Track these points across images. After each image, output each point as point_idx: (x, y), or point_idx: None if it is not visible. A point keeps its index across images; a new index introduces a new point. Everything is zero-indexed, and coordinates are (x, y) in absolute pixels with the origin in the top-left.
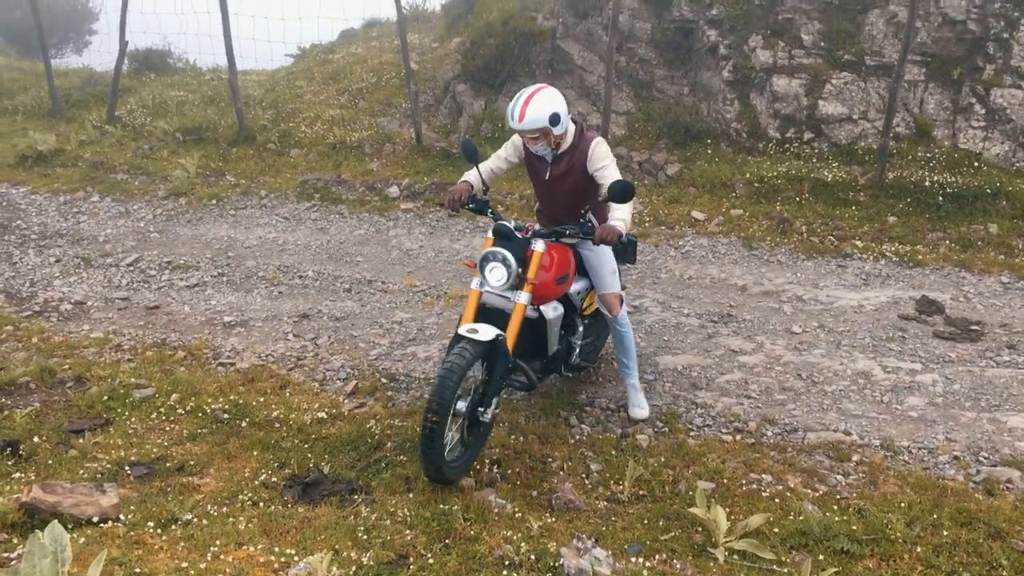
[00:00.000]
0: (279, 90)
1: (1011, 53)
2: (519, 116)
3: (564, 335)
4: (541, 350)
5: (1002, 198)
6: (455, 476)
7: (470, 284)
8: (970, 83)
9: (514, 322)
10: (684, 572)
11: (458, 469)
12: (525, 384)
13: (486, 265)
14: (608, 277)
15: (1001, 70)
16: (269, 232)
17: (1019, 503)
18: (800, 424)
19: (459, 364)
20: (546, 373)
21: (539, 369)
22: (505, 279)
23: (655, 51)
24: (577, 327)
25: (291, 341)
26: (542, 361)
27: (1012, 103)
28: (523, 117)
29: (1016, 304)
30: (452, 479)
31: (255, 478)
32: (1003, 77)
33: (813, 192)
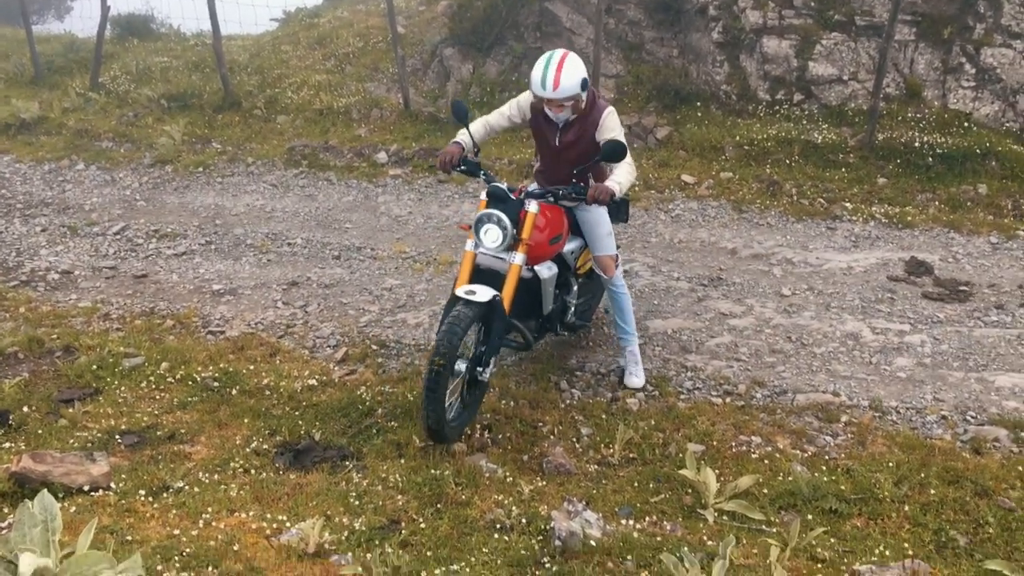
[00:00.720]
0: (264, 55)
1: (1002, 12)
2: (553, 84)
3: (559, 294)
4: (536, 310)
5: (991, 158)
6: (453, 436)
7: (464, 246)
8: (960, 43)
9: (510, 282)
10: (674, 533)
11: (456, 429)
12: (522, 344)
13: (481, 227)
14: (604, 239)
15: (991, 29)
16: (257, 199)
17: (1005, 461)
18: (789, 386)
19: (465, 317)
20: (542, 333)
21: (535, 329)
22: (500, 240)
23: (644, 13)
24: (572, 286)
25: (280, 309)
26: (537, 321)
27: (1002, 62)
28: (558, 85)
29: (1005, 264)
30: (450, 438)
31: (246, 445)
32: (993, 36)
33: (803, 154)
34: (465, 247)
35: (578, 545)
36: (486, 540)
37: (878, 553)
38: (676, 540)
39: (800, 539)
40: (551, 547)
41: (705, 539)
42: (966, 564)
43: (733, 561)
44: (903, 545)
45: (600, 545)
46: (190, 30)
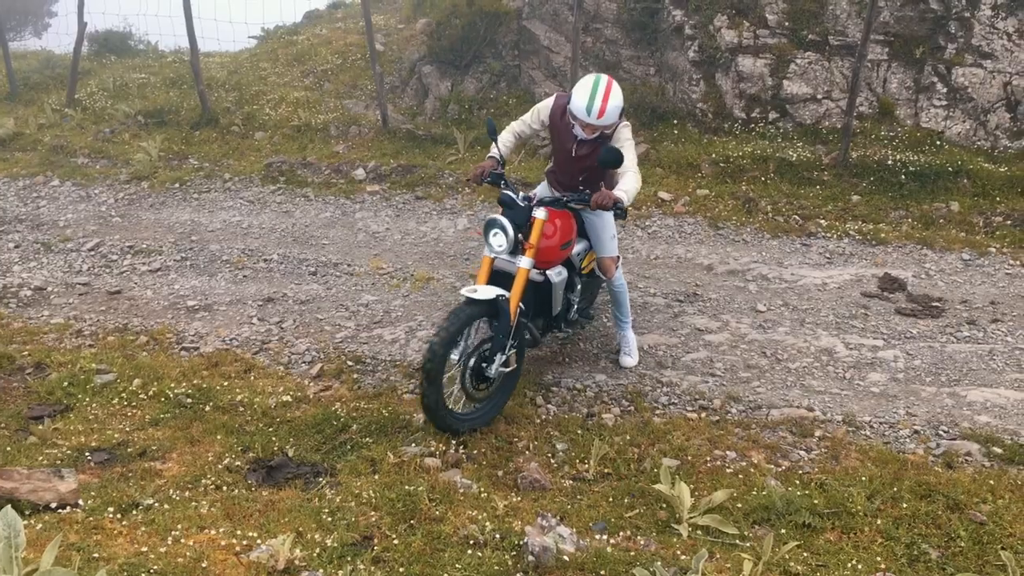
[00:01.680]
0: (243, 72)
1: (972, 32)
2: (599, 112)
3: (564, 294)
4: (545, 310)
5: (963, 176)
6: (459, 427)
7: (483, 251)
8: (932, 62)
9: (517, 284)
10: (648, 548)
11: (466, 422)
12: (529, 341)
13: (489, 232)
14: (608, 242)
15: (963, 49)
16: (233, 215)
17: (977, 475)
18: (764, 401)
19: (463, 312)
20: (547, 331)
21: (541, 327)
22: (505, 244)
23: (621, 31)
24: (576, 286)
25: (256, 325)
26: (545, 320)
27: (973, 82)
28: (603, 114)
29: (976, 281)
30: (454, 428)
31: (218, 462)
32: (964, 56)
33: (778, 172)
34: (484, 252)
35: (551, 560)
36: (459, 556)
37: (851, 567)
38: (650, 555)
39: (773, 553)
40: (524, 563)
41: (679, 554)
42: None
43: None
44: (876, 559)
45: (573, 560)
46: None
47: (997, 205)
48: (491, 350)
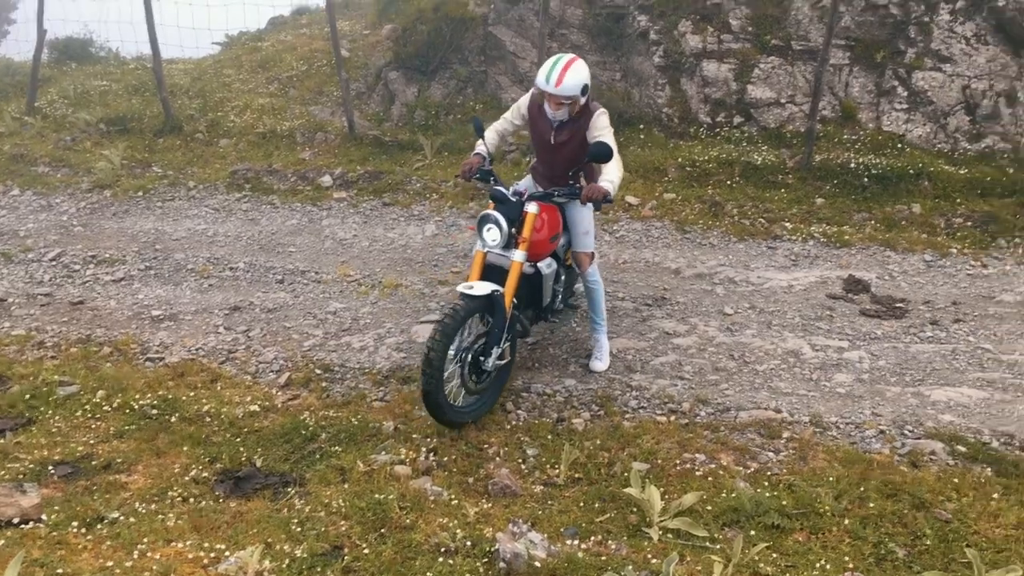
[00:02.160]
0: (206, 79)
1: (931, 36)
2: (556, 81)
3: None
4: (536, 301)
5: (924, 178)
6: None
7: (475, 246)
8: (893, 66)
9: (512, 277)
10: (619, 552)
11: (466, 414)
12: (520, 332)
13: (483, 227)
14: (582, 237)
15: (922, 53)
16: (198, 224)
17: (942, 474)
18: (732, 403)
19: (461, 308)
20: (536, 321)
21: (531, 318)
22: (499, 238)
23: (587, 37)
24: (561, 276)
25: (222, 334)
26: (534, 311)
27: (933, 85)
28: (560, 82)
29: (938, 281)
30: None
31: (185, 474)
32: (924, 60)
33: (744, 175)
34: (475, 247)
35: (523, 567)
36: (430, 564)
37: (819, 567)
38: (621, 559)
39: (743, 555)
40: (496, 570)
41: (649, 557)
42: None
43: None
44: (844, 559)
45: (545, 566)
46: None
47: (957, 207)
48: (487, 344)
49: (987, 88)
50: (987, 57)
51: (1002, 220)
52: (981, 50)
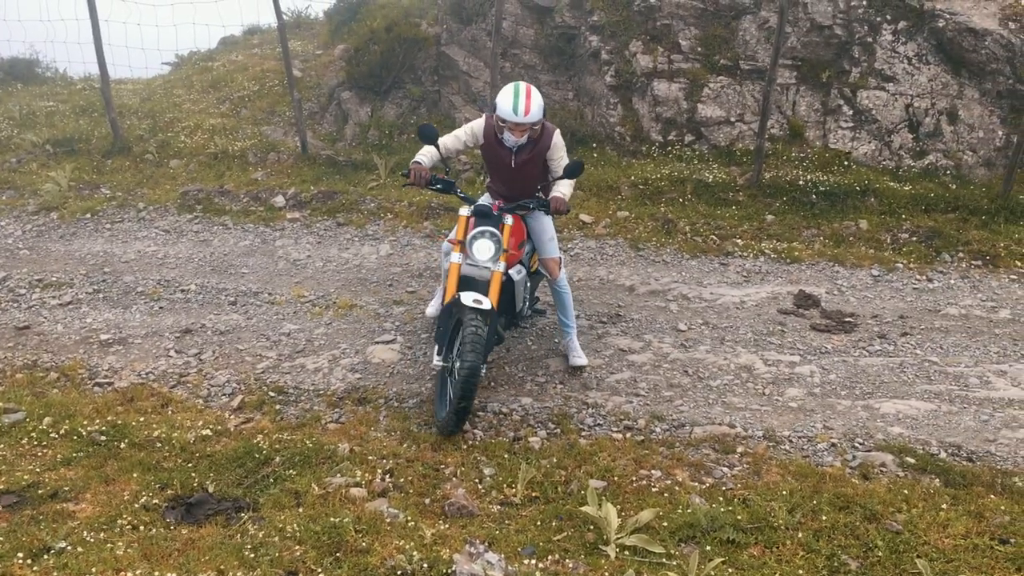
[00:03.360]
0: (156, 99)
1: (875, 56)
2: (524, 110)
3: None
4: (510, 308)
5: (870, 195)
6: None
7: (449, 259)
8: (838, 86)
9: (495, 287)
10: (576, 571)
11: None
12: (497, 339)
13: (475, 242)
14: (548, 243)
15: (866, 73)
16: (148, 246)
17: (892, 485)
18: (687, 419)
19: (483, 328)
20: (509, 327)
21: (504, 324)
22: (492, 253)
23: (539, 57)
24: (527, 282)
25: (173, 357)
26: (507, 317)
27: (877, 104)
28: (528, 111)
29: (886, 296)
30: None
31: (135, 501)
32: (868, 79)
33: (695, 193)
34: (450, 259)
35: None
36: None
37: None
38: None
39: (699, 570)
40: None
41: (607, 575)
42: None
43: None
44: (798, 572)
45: None
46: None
47: (903, 222)
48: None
49: (929, 106)
50: (928, 76)
51: (946, 235)
52: (923, 69)
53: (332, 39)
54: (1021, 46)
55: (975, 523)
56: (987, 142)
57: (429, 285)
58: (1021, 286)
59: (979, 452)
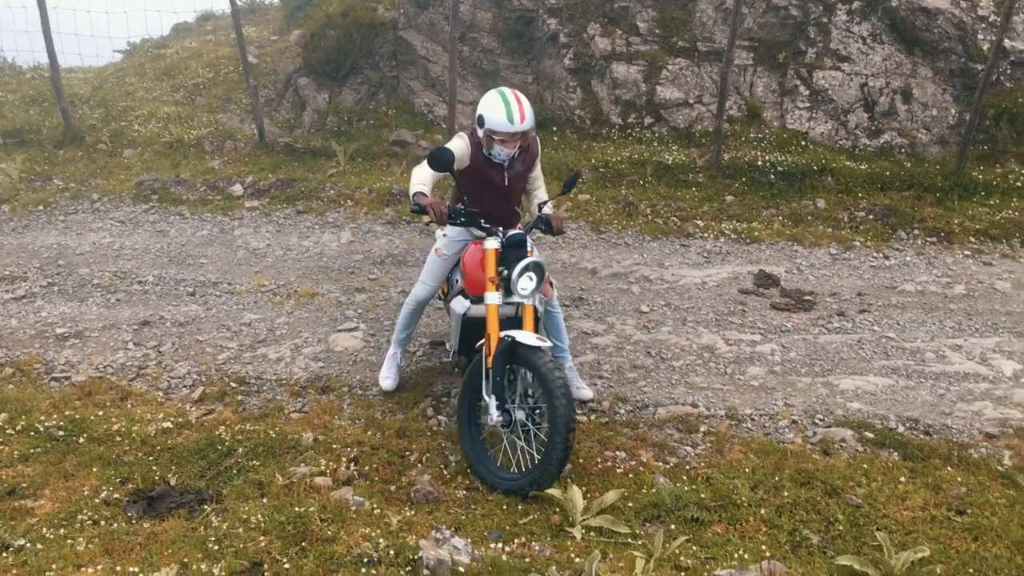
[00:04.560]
0: (108, 88)
1: (830, 37)
2: (520, 118)
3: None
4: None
5: (827, 174)
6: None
7: (486, 299)
8: (794, 66)
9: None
10: (543, 553)
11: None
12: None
13: (520, 278)
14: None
15: (822, 53)
16: (103, 237)
17: (852, 460)
18: (651, 400)
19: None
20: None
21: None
22: (535, 285)
23: (498, 41)
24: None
25: (131, 350)
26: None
27: (833, 84)
28: (524, 118)
29: (844, 274)
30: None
31: (95, 496)
32: (824, 60)
33: (656, 175)
34: (488, 301)
35: (447, 573)
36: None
37: (737, 557)
38: (545, 560)
39: (664, 549)
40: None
41: (573, 556)
42: (819, 561)
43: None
44: (761, 547)
45: (469, 571)
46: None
47: (860, 201)
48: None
49: (884, 86)
50: (883, 56)
51: (901, 213)
52: (877, 49)
53: (288, 25)
54: (972, 24)
55: (932, 495)
56: (940, 120)
57: (391, 272)
58: (975, 262)
59: (936, 425)
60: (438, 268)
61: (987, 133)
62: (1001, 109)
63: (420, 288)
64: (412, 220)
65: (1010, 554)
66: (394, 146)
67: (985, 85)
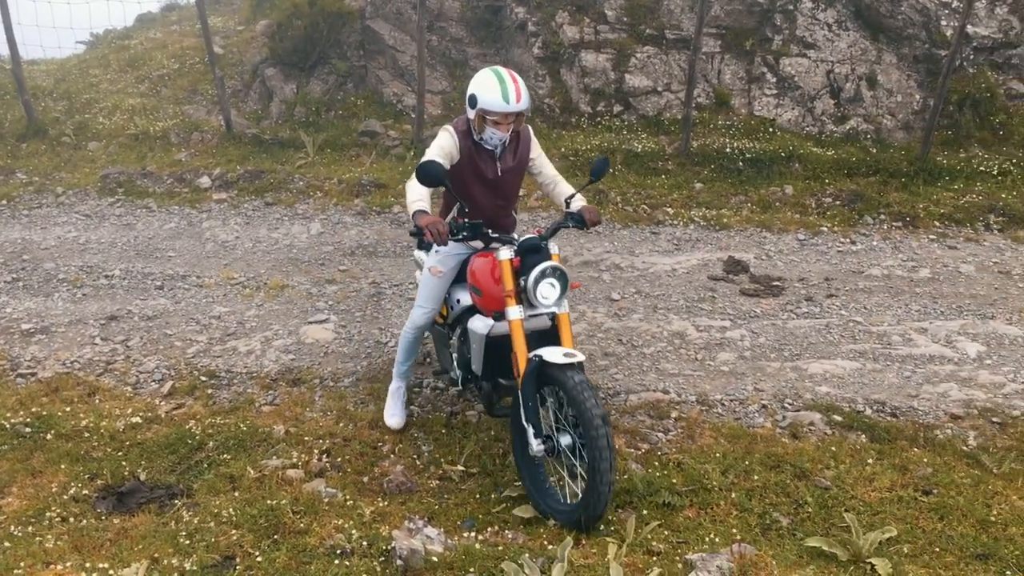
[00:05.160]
0: (71, 80)
1: (796, 24)
2: (516, 97)
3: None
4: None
5: (795, 161)
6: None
7: (508, 315)
8: (761, 54)
9: (567, 331)
10: (515, 541)
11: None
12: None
13: (538, 286)
14: None
15: (788, 40)
16: (69, 231)
17: (820, 443)
18: (622, 387)
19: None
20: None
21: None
22: (559, 294)
23: (466, 29)
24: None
25: (99, 345)
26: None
27: (799, 71)
28: (520, 96)
29: (812, 259)
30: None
31: (64, 492)
32: (790, 47)
33: (625, 163)
34: (510, 316)
35: (420, 563)
36: (326, 567)
37: (708, 541)
38: (517, 548)
39: (636, 534)
40: (393, 567)
41: (546, 544)
42: (789, 543)
43: (573, 562)
44: (731, 531)
45: (442, 560)
46: None
47: (827, 187)
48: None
49: (849, 72)
50: (848, 42)
51: (868, 198)
52: (842, 36)
53: (254, 14)
54: (936, 11)
55: (899, 476)
56: (905, 106)
57: (362, 263)
58: (940, 246)
59: (902, 407)
60: (436, 288)
61: (951, 118)
62: (964, 95)
63: (418, 313)
64: (383, 211)
65: (975, 533)
66: (363, 136)
67: (948, 71)
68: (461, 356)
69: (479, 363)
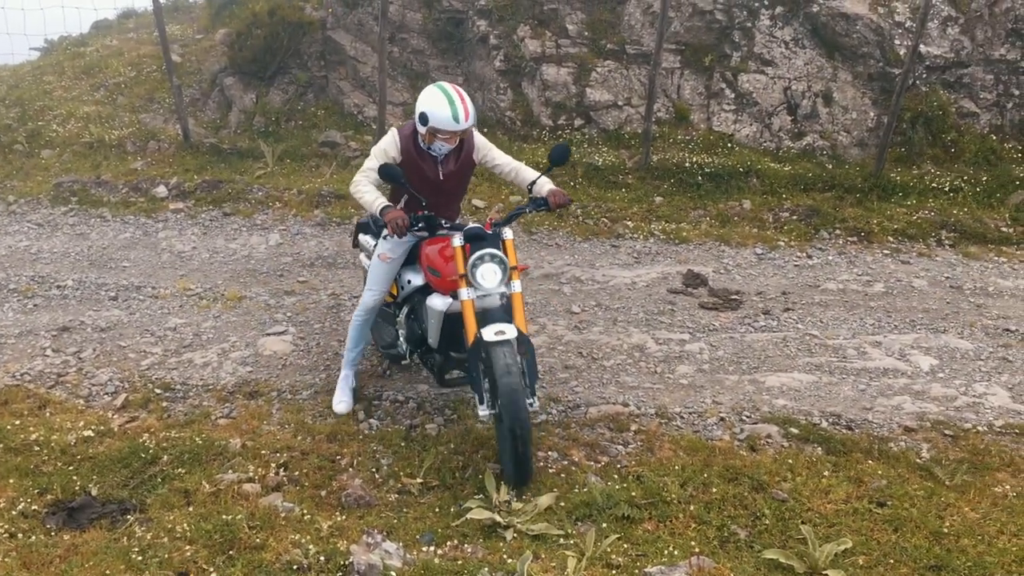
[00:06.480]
0: (24, 86)
1: (754, 41)
2: (465, 115)
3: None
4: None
5: (753, 176)
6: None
7: (460, 296)
8: (720, 69)
9: (520, 309)
10: (475, 555)
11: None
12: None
13: (477, 270)
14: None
15: (747, 57)
16: (20, 240)
17: (777, 456)
18: (582, 400)
19: (516, 364)
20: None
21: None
22: (501, 277)
23: (428, 41)
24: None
25: (50, 357)
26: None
27: (757, 87)
28: (468, 115)
29: (769, 273)
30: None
31: (12, 508)
32: (748, 63)
33: (586, 176)
34: (461, 296)
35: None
36: None
37: (667, 554)
38: (477, 562)
39: (596, 548)
40: None
41: (505, 558)
42: (747, 556)
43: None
44: (690, 543)
45: (400, 575)
46: None
47: (784, 202)
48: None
49: (806, 89)
50: (805, 60)
51: (824, 213)
52: (799, 53)
53: (213, 23)
54: (890, 30)
55: (855, 488)
56: (860, 123)
57: (321, 274)
58: (893, 260)
59: (857, 420)
60: (386, 272)
61: (904, 136)
62: (917, 112)
63: (369, 296)
64: (343, 222)
65: (928, 544)
66: (323, 147)
67: (902, 89)
68: (410, 332)
69: (436, 337)
